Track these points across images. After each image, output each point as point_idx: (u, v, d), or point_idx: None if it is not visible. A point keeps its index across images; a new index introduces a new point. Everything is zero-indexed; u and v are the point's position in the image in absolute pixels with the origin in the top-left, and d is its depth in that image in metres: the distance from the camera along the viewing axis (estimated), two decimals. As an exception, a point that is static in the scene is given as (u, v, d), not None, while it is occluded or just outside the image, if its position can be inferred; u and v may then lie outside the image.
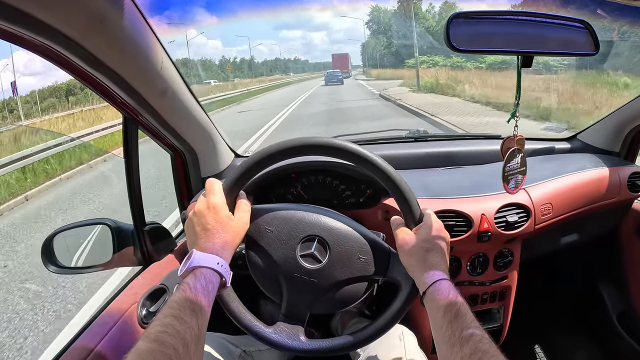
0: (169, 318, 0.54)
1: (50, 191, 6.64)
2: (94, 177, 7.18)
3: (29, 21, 0.55)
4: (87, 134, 9.73)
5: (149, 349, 0.49)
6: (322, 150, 0.74)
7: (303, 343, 0.74)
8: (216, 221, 0.69)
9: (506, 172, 0.87)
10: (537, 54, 0.76)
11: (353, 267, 0.75)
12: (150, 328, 0.52)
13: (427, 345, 1.14)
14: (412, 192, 0.74)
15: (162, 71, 0.82)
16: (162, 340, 0.51)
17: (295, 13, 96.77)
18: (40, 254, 0.94)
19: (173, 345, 0.50)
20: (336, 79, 32.54)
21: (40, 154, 7.33)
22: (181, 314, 0.55)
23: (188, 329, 0.54)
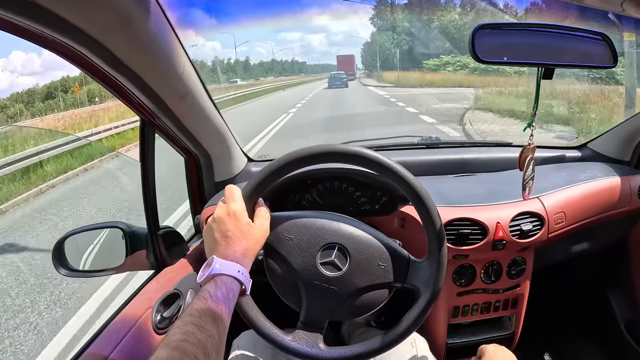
0: (190, 326, 0.54)
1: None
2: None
3: (54, 20, 0.54)
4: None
5: (170, 357, 0.49)
6: (342, 158, 0.74)
7: (322, 351, 0.74)
8: (237, 228, 0.69)
9: (525, 181, 0.89)
10: (557, 66, 0.77)
11: (373, 274, 0.75)
12: (170, 336, 0.52)
13: (439, 352, 1.15)
14: (432, 201, 0.74)
15: (183, 75, 0.81)
16: (183, 348, 0.50)
17: (294, 16, 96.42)
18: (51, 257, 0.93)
19: (194, 354, 0.50)
20: (340, 81, 29.62)
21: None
22: (202, 322, 0.55)
23: (209, 337, 0.54)
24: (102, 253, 1.03)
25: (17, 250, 4.07)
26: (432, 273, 0.74)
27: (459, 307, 1.12)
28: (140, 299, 0.91)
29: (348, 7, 70.16)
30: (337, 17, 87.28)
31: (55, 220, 4.95)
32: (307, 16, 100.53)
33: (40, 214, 5.37)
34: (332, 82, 30.16)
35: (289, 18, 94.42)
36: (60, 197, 6.12)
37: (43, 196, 6.22)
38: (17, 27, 0.54)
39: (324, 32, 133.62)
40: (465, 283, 1.09)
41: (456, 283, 1.09)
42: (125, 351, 0.77)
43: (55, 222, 4.89)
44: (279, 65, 78.26)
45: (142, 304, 0.89)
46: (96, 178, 7.18)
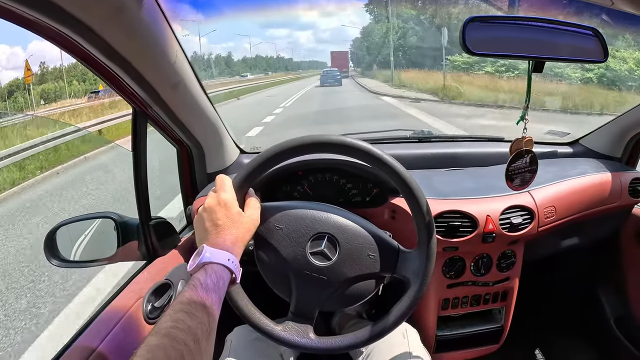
0: (180, 313, 0.54)
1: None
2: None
3: (50, 8, 0.54)
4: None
5: (160, 344, 0.49)
6: (332, 148, 0.75)
7: (312, 341, 0.75)
8: (227, 217, 0.69)
9: (510, 172, 0.89)
10: (548, 60, 0.77)
11: (362, 264, 0.75)
12: (161, 323, 0.52)
13: (429, 343, 1.16)
14: (422, 192, 0.74)
15: (175, 64, 0.81)
16: (173, 335, 0.50)
17: (282, 12, 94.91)
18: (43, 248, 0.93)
19: (184, 341, 0.50)
20: (333, 79, 27.54)
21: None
22: (192, 309, 0.55)
23: (199, 324, 0.54)
24: (93, 243, 1.03)
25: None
26: (422, 263, 0.75)
27: (448, 299, 1.13)
28: (131, 289, 0.91)
29: (337, 5, 68.11)
30: (325, 14, 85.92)
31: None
32: (295, 12, 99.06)
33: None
34: (324, 79, 27.96)
35: (277, 12, 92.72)
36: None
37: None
38: (14, 15, 0.55)
39: (312, 29, 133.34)
40: (455, 275, 1.10)
41: (446, 275, 1.09)
42: (115, 342, 0.77)
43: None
44: (263, 61, 76.27)
45: (133, 294, 0.89)
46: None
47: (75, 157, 7.72)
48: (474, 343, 1.20)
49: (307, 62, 78.76)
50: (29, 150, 7.02)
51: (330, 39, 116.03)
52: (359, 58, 53.09)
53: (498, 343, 1.22)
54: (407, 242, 0.80)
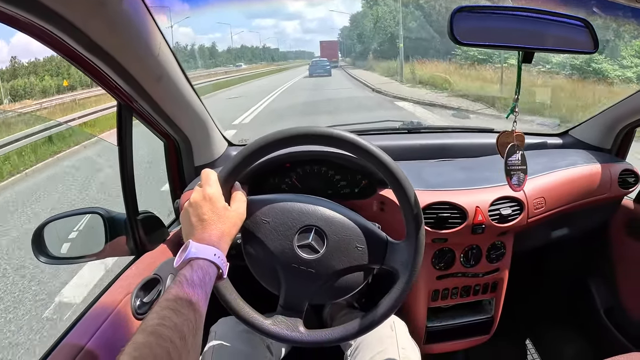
0: (166, 310, 0.54)
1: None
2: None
3: (31, 4, 0.54)
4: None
5: (146, 342, 0.49)
6: (320, 140, 0.74)
7: (302, 334, 0.75)
8: (213, 212, 0.69)
9: (508, 166, 0.87)
10: (537, 50, 0.76)
11: (351, 256, 0.75)
12: (147, 321, 0.52)
13: (419, 335, 1.16)
14: (409, 183, 0.74)
15: (159, 56, 0.80)
16: (159, 333, 0.50)
17: (268, 1, 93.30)
18: (30, 244, 0.92)
19: (170, 338, 0.50)
20: (323, 69, 26.27)
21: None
22: (178, 306, 0.55)
23: (186, 321, 0.54)
24: (81, 239, 1.02)
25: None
26: (410, 255, 0.74)
27: (438, 290, 1.13)
28: (119, 284, 0.90)
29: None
30: (312, 3, 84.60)
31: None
32: (281, 1, 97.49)
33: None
34: (313, 69, 26.76)
35: (263, 2, 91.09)
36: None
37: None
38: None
39: (299, 19, 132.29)
40: (445, 267, 1.10)
41: (435, 267, 1.10)
42: (103, 339, 0.77)
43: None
44: (248, 51, 74.68)
45: (121, 289, 0.88)
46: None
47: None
48: (464, 334, 1.21)
49: (294, 52, 77.83)
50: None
51: (317, 29, 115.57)
52: (348, 47, 51.58)
53: (488, 334, 1.23)
54: (396, 234, 0.80)
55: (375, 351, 0.88)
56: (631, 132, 1.33)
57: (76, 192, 5.39)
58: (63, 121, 9.36)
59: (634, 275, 1.29)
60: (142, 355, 0.47)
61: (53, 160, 7.15)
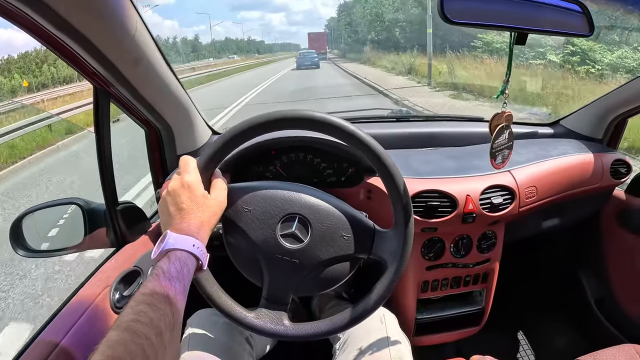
0: (142, 305, 0.51)
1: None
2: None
3: None
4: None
5: (120, 339, 0.46)
6: (303, 124, 0.70)
7: (287, 328, 0.72)
8: (191, 200, 0.65)
9: (494, 149, 0.85)
10: (531, 32, 0.74)
11: (336, 245, 0.72)
12: (122, 316, 0.49)
13: (409, 327, 1.15)
14: (398, 170, 0.71)
15: (135, 37, 0.76)
16: (134, 329, 0.48)
17: None
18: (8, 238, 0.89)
19: (145, 335, 0.48)
20: (310, 61, 25.77)
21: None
22: (154, 300, 0.52)
23: (162, 316, 0.51)
24: (61, 231, 0.99)
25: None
26: (399, 244, 0.72)
27: (428, 281, 1.11)
28: (97, 278, 0.87)
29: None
30: None
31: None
32: None
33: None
34: (301, 61, 26.23)
35: None
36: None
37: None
38: None
39: (285, 11, 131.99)
40: (435, 257, 1.08)
41: (425, 257, 1.07)
42: (79, 335, 0.74)
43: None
44: (233, 44, 73.72)
45: (100, 282, 0.85)
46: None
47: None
48: (455, 326, 1.19)
49: (280, 45, 77.07)
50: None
51: (303, 21, 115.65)
52: (336, 39, 50.25)
53: (479, 325, 1.22)
54: (384, 223, 0.77)
55: (365, 344, 0.86)
56: (623, 123, 1.32)
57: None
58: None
59: (625, 266, 1.29)
60: (115, 354, 0.45)
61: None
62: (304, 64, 25.54)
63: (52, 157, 7.04)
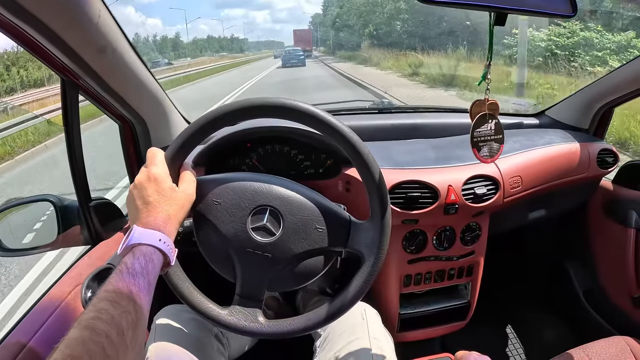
0: (104, 302, 0.49)
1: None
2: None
3: None
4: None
5: (79, 338, 0.44)
6: (274, 112, 0.67)
7: (261, 325, 0.69)
8: (158, 193, 0.63)
9: (475, 138, 0.80)
10: (511, 11, 0.71)
11: (310, 238, 0.69)
12: (83, 314, 0.48)
13: (393, 323, 1.12)
14: (374, 160, 0.69)
15: (99, 24, 0.72)
16: (93, 327, 0.46)
17: None
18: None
19: (106, 333, 0.46)
20: (297, 59, 24.90)
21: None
22: (117, 297, 0.50)
23: (124, 313, 0.49)
24: (36, 229, 0.96)
25: None
26: (376, 235, 0.69)
27: (410, 275, 1.08)
28: (69, 276, 0.85)
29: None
30: None
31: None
32: None
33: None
34: (287, 59, 25.32)
35: None
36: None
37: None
38: None
39: (269, 9, 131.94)
40: (416, 250, 1.05)
41: (406, 250, 1.05)
42: (49, 334, 0.72)
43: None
44: (215, 42, 72.72)
45: (72, 280, 0.83)
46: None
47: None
48: (440, 320, 1.17)
49: (264, 42, 76.43)
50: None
51: (287, 19, 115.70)
52: (323, 36, 48.39)
53: (465, 319, 1.20)
54: (363, 215, 0.75)
55: (346, 341, 0.83)
56: (609, 112, 1.31)
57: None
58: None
59: (612, 257, 1.28)
60: (74, 352, 0.43)
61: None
62: (290, 62, 24.69)
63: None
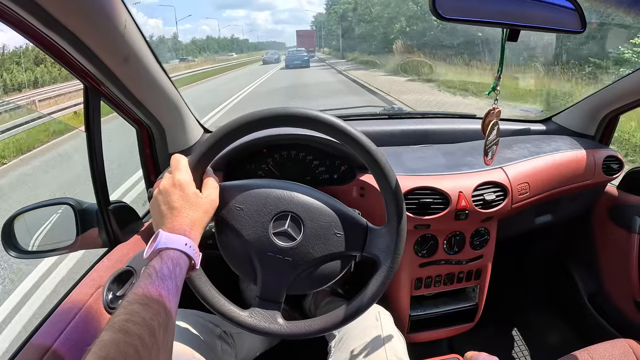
0: (135, 305, 0.51)
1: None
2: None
3: None
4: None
5: (113, 340, 0.46)
6: (294, 122, 0.70)
7: (281, 326, 0.72)
8: (183, 199, 0.65)
9: (487, 146, 0.85)
10: (523, 28, 0.74)
11: (329, 243, 0.72)
12: (114, 317, 0.49)
13: (403, 324, 1.15)
14: (389, 165, 0.71)
15: (125, 35, 0.75)
16: (126, 329, 0.47)
17: None
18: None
19: (138, 335, 0.47)
20: (300, 60, 24.01)
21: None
22: (147, 300, 0.52)
23: (155, 315, 0.51)
24: (53, 232, 0.98)
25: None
26: (392, 240, 0.72)
27: (421, 278, 1.11)
28: (90, 278, 0.86)
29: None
30: None
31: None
32: None
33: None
34: (290, 60, 24.35)
35: None
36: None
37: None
38: None
39: (270, 10, 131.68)
40: (428, 254, 1.08)
41: (418, 254, 1.08)
42: (72, 337, 0.73)
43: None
44: (214, 42, 71.12)
45: (92, 282, 0.84)
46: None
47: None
48: (449, 322, 1.20)
49: (264, 43, 75.64)
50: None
51: (289, 20, 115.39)
52: (328, 36, 46.22)
53: (473, 322, 1.22)
54: (377, 220, 0.77)
55: (361, 342, 0.86)
56: (615, 119, 1.33)
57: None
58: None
59: (617, 261, 1.30)
60: (109, 354, 0.44)
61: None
62: (293, 63, 23.73)
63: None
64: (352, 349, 0.85)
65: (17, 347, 0.71)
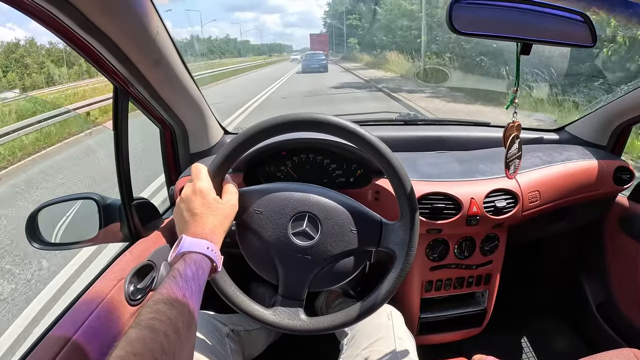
0: (160, 304, 0.54)
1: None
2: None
3: None
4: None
5: (140, 336, 0.49)
6: (313, 127, 0.74)
7: (304, 322, 0.75)
8: (204, 205, 0.69)
9: (508, 159, 0.88)
10: (536, 42, 0.76)
11: (346, 240, 0.75)
12: (140, 315, 0.52)
13: (413, 326, 1.17)
14: (406, 174, 0.74)
15: (156, 40, 0.79)
16: (153, 327, 0.50)
17: None
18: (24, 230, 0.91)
19: (164, 332, 0.50)
20: (318, 64, 21.82)
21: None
22: (172, 300, 0.55)
23: (179, 314, 0.54)
24: (75, 225, 1.01)
25: None
26: (406, 234, 0.74)
27: (432, 281, 1.14)
28: (112, 271, 0.89)
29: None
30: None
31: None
32: None
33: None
34: (307, 64, 22.32)
35: None
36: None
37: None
38: None
39: (280, 12, 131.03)
40: (439, 258, 1.11)
41: (429, 257, 1.10)
42: (93, 328, 0.75)
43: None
44: (216, 44, 69.33)
45: (114, 275, 0.87)
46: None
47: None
48: (457, 326, 1.22)
49: (268, 46, 74.69)
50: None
51: (298, 22, 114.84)
52: (337, 39, 44.80)
53: (481, 326, 1.24)
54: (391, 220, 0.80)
55: (372, 340, 0.88)
56: (627, 129, 1.34)
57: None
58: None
59: (626, 271, 1.30)
60: (136, 350, 0.47)
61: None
62: (311, 67, 21.81)
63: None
64: (364, 346, 0.88)
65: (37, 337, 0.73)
